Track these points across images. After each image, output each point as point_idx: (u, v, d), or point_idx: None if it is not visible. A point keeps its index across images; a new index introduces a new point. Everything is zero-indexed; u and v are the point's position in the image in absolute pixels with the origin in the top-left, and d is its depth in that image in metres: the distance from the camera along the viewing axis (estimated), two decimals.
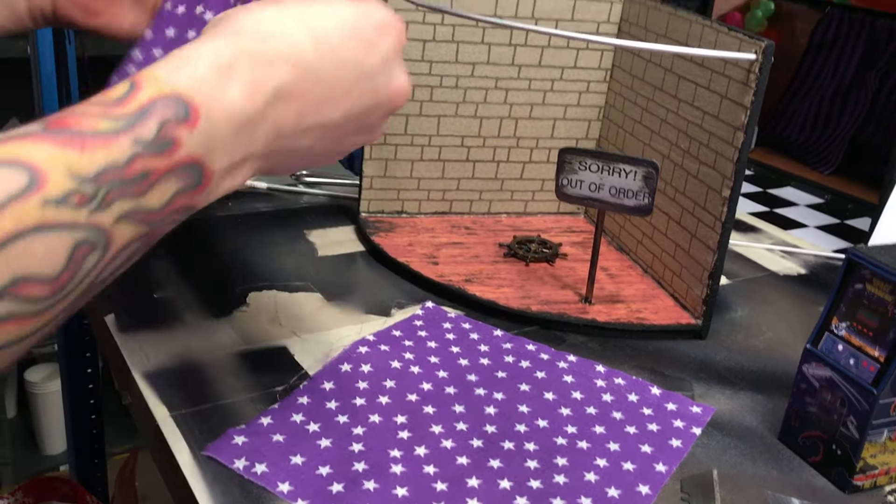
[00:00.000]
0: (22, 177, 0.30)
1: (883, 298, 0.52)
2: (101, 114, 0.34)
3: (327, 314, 0.69)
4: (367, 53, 0.42)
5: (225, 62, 0.37)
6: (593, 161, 0.67)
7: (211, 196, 0.38)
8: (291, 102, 0.39)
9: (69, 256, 0.32)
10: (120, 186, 0.33)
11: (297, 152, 0.42)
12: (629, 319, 0.70)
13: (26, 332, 0.32)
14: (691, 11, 0.72)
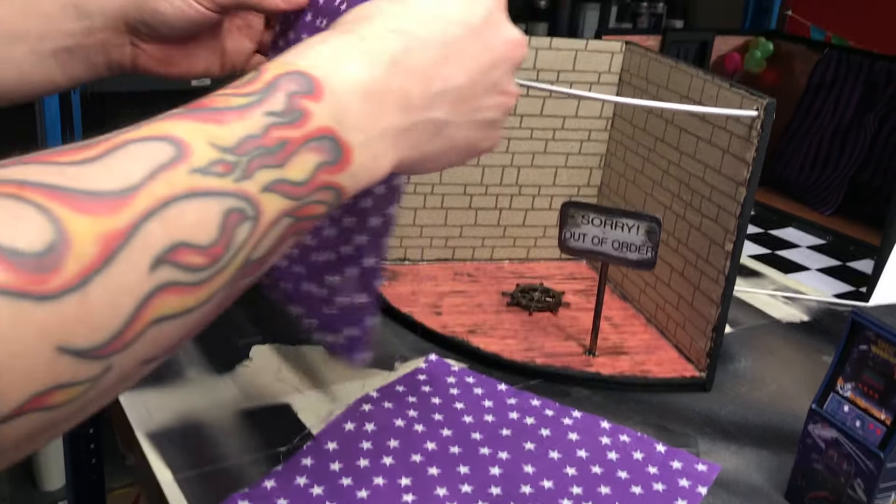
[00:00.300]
0: (168, 149, 0.32)
1: (888, 361, 0.52)
2: (233, 93, 0.36)
3: (330, 368, 0.68)
4: (468, 11, 0.43)
5: (339, 46, 0.40)
6: (596, 215, 0.68)
7: (358, 179, 0.39)
8: (410, 70, 0.41)
9: (221, 223, 0.32)
10: (260, 156, 0.34)
11: (436, 128, 0.43)
12: (633, 372, 0.70)
13: (186, 304, 0.32)
14: (692, 65, 0.72)
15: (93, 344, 0.29)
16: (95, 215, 0.29)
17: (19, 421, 0.28)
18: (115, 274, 0.29)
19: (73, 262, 0.28)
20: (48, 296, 0.27)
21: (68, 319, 0.28)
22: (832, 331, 0.84)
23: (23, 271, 0.27)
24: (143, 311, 0.30)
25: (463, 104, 0.44)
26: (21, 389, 0.27)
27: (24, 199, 0.28)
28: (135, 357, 0.31)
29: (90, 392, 0.30)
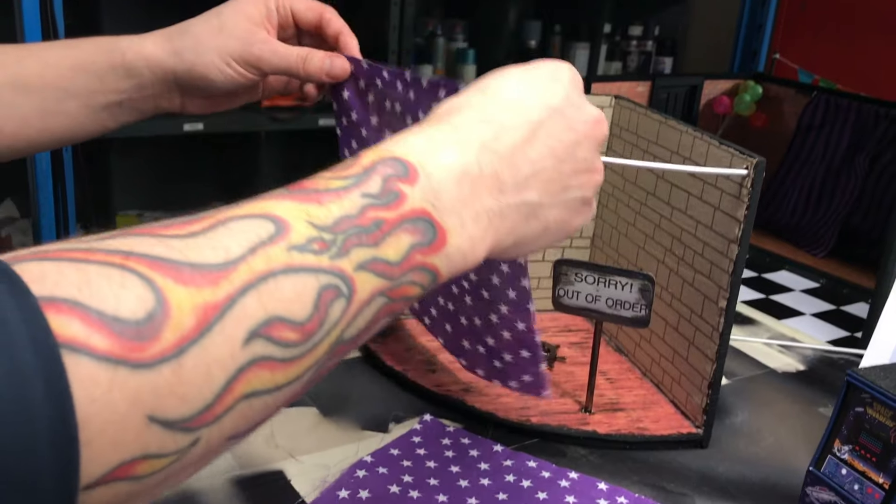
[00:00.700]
0: (269, 226, 0.33)
1: (885, 424, 0.52)
2: (332, 176, 0.37)
3: (324, 431, 0.68)
4: (548, 95, 0.45)
5: (432, 135, 0.41)
6: (589, 273, 0.68)
7: (453, 261, 0.40)
8: (499, 155, 0.42)
9: (316, 300, 0.33)
10: (356, 234, 0.35)
11: (530, 210, 0.44)
12: (630, 430, 0.69)
13: (277, 381, 0.32)
14: (681, 121, 0.73)
15: (183, 415, 0.29)
16: (195, 287, 0.30)
17: (103, 490, 0.28)
18: (209, 345, 0.30)
19: (171, 332, 0.29)
20: (144, 364, 0.28)
21: (161, 388, 0.28)
22: (828, 380, 0.84)
23: (122, 338, 0.27)
24: (234, 384, 0.30)
25: (552, 184, 0.45)
26: (109, 456, 0.27)
27: (128, 269, 0.29)
28: (222, 432, 0.31)
29: (175, 465, 0.30)
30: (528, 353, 0.65)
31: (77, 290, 0.28)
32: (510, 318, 0.64)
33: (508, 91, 0.45)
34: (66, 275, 0.28)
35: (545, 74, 0.46)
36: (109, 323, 0.27)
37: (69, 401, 0.26)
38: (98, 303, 0.28)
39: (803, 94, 1.29)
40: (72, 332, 0.27)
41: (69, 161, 1.45)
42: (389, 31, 2.33)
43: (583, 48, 2.91)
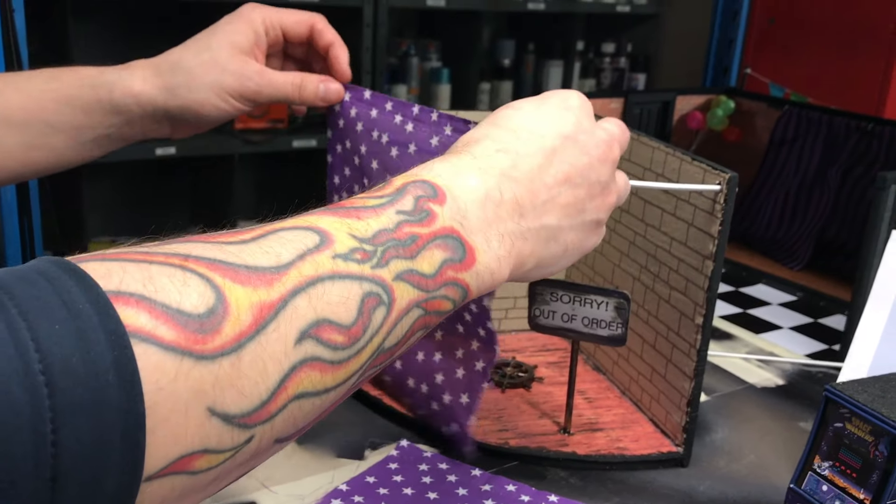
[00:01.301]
0: (314, 236, 0.36)
1: (864, 439, 0.52)
2: (368, 196, 0.41)
3: (298, 460, 0.66)
4: (559, 123, 0.47)
5: (455, 163, 0.44)
6: (565, 292, 0.67)
7: (482, 279, 0.42)
8: (518, 181, 0.45)
9: (360, 305, 0.35)
10: (393, 247, 0.38)
11: (550, 233, 0.46)
12: (609, 450, 0.69)
13: (325, 383, 0.34)
14: (653, 137, 0.72)
15: (241, 410, 0.31)
16: (251, 286, 0.32)
17: (162, 482, 0.29)
18: (265, 342, 0.31)
19: (231, 327, 0.30)
20: (206, 356, 0.29)
21: (221, 381, 0.30)
22: (807, 394, 0.83)
23: (187, 330, 0.29)
24: (287, 382, 0.32)
25: (569, 208, 0.47)
26: (170, 448, 0.29)
27: (189, 269, 0.31)
28: (273, 432, 0.33)
29: (228, 462, 0.31)
30: (466, 399, 0.65)
31: (142, 285, 0.29)
32: (475, 355, 0.65)
33: (522, 122, 0.47)
34: (130, 272, 0.29)
35: (556, 104, 0.49)
36: (174, 315, 0.29)
37: (139, 388, 0.27)
38: (163, 297, 0.29)
39: (775, 108, 1.30)
40: (140, 322, 0.28)
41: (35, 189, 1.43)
42: (362, 51, 2.33)
43: (556, 66, 2.93)
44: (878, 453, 0.50)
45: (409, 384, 0.70)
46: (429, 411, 0.69)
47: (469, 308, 0.64)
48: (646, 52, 3.08)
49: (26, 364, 0.26)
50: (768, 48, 2.32)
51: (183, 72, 0.65)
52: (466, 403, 0.65)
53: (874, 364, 0.65)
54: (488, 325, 0.63)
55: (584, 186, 0.48)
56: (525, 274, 0.47)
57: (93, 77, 0.66)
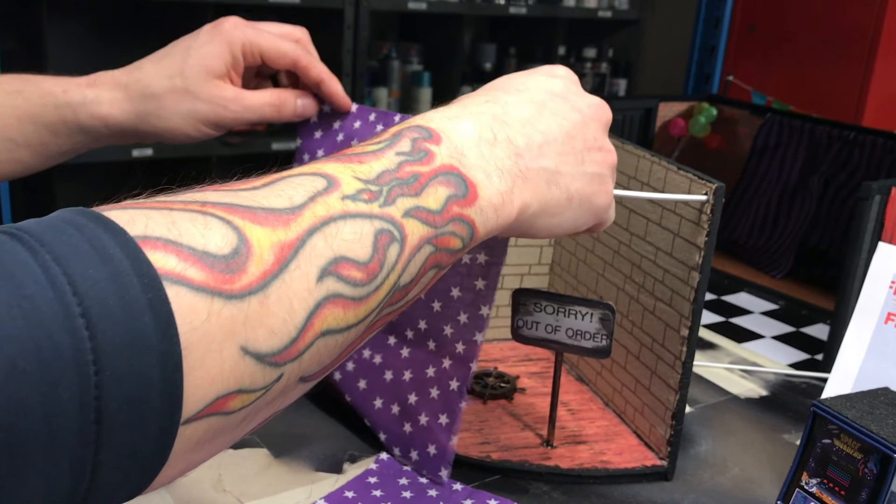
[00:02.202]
0: (321, 181, 0.36)
1: (852, 456, 0.51)
2: (366, 143, 0.41)
3: (274, 474, 0.65)
4: (548, 84, 0.49)
5: (447, 111, 0.45)
6: (548, 303, 0.66)
7: (486, 215, 0.42)
8: (510, 124, 0.45)
9: (374, 242, 0.36)
10: (398, 185, 0.38)
11: (549, 175, 0.46)
12: (593, 464, 0.67)
13: (348, 320, 0.35)
14: (638, 146, 0.71)
15: (272, 348, 0.31)
16: (270, 227, 0.32)
17: (199, 424, 0.29)
18: (289, 280, 0.32)
19: (255, 266, 0.31)
20: (235, 294, 0.30)
21: (251, 319, 0.30)
22: (791, 405, 0.83)
23: (215, 271, 0.29)
24: (314, 319, 0.33)
25: (567, 156, 0.47)
26: (207, 389, 0.29)
27: (209, 213, 0.31)
28: (300, 369, 0.33)
29: (259, 401, 0.32)
30: (445, 419, 0.64)
31: (167, 229, 0.29)
32: (448, 374, 0.63)
33: (510, 82, 0.49)
34: (153, 218, 0.30)
35: (543, 72, 0.50)
36: (202, 257, 0.29)
37: (174, 328, 0.27)
38: (188, 240, 0.29)
39: (757, 115, 1.30)
40: (170, 265, 0.28)
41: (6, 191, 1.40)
42: (343, 54, 2.31)
43: None
44: (868, 471, 0.49)
45: (377, 404, 0.68)
46: (398, 433, 0.66)
47: (456, 320, 0.62)
48: (627, 58, 3.08)
49: (66, 307, 0.26)
50: (749, 55, 2.33)
51: (153, 99, 0.63)
52: (446, 424, 0.63)
53: (859, 377, 0.65)
54: (475, 338, 0.62)
55: (580, 139, 0.48)
56: (532, 219, 0.46)
57: (56, 96, 0.63)
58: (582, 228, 0.51)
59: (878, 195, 0.82)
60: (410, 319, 0.65)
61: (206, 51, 0.63)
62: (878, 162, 1.13)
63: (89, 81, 0.64)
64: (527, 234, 0.48)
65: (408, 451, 0.66)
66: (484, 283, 0.62)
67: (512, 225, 0.45)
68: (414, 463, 0.65)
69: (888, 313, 0.64)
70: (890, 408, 0.51)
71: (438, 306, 0.63)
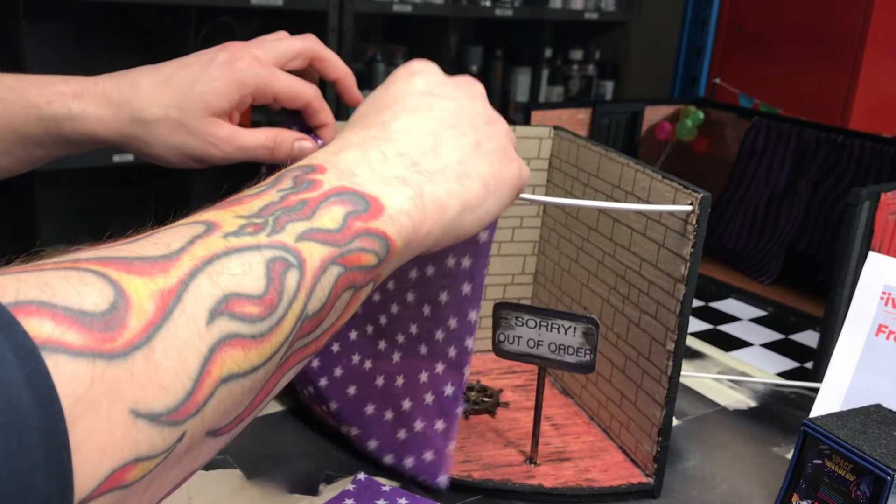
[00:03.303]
0: (200, 226, 0.34)
1: (845, 478, 0.49)
2: (247, 190, 0.39)
3: (247, 496, 0.62)
4: (407, 85, 0.49)
5: (327, 149, 0.44)
6: (531, 317, 0.63)
7: (401, 224, 0.40)
8: (395, 140, 0.44)
9: (266, 272, 0.33)
10: (285, 213, 0.36)
11: (459, 170, 0.45)
12: (577, 482, 0.65)
13: (251, 361, 0.32)
14: (622, 153, 0.69)
15: (167, 406, 0.29)
16: (148, 276, 0.30)
17: (98, 502, 0.27)
18: (174, 328, 0.30)
19: (136, 319, 0.29)
20: (118, 353, 0.28)
21: (138, 377, 0.28)
22: (780, 417, 0.81)
23: (93, 331, 0.27)
24: (209, 366, 0.30)
25: (463, 146, 0.46)
26: (99, 464, 0.27)
27: (82, 269, 0.29)
28: (204, 424, 0.31)
29: (163, 466, 0.29)
30: (442, 425, 0.62)
31: (40, 290, 0.27)
32: (442, 379, 0.61)
33: (373, 101, 0.48)
34: (24, 280, 0.27)
35: (401, 75, 0.50)
36: (78, 317, 0.27)
37: (57, 403, 0.25)
38: (63, 299, 0.27)
39: (744, 118, 1.28)
40: (46, 331, 0.26)
41: None
42: None
43: (524, 72, 2.90)
44: (860, 493, 0.47)
45: (368, 411, 0.66)
46: (391, 440, 0.65)
47: (446, 325, 0.61)
48: (614, 60, 3.07)
49: None
50: (736, 57, 2.32)
51: (143, 126, 0.60)
52: (443, 429, 0.62)
53: (850, 391, 0.63)
54: (466, 343, 0.60)
55: (466, 124, 0.47)
56: (458, 219, 0.45)
57: (40, 108, 0.60)
58: (509, 203, 0.49)
59: (868, 201, 0.80)
60: (401, 324, 0.64)
61: (212, 87, 0.59)
62: (866, 165, 1.11)
63: (75, 93, 0.60)
64: (461, 234, 0.46)
65: (402, 458, 0.64)
66: (469, 287, 0.60)
67: (439, 230, 0.43)
68: (409, 470, 0.63)
69: (879, 325, 0.62)
70: (883, 427, 0.50)
71: (429, 311, 0.62)
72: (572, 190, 0.77)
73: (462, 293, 0.60)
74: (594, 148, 0.73)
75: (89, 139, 0.61)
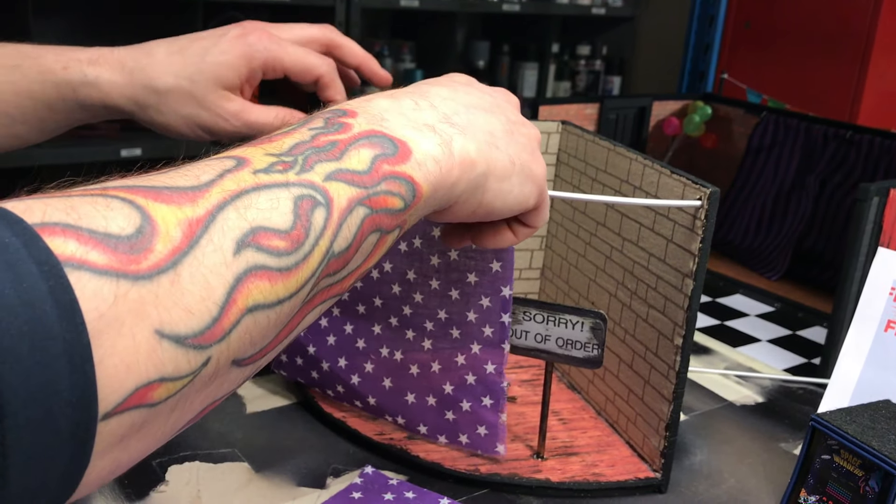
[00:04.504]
0: (231, 161, 0.35)
1: (853, 473, 0.49)
2: (279, 130, 0.40)
3: (255, 489, 0.62)
4: (451, 78, 0.50)
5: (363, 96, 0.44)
6: (538, 312, 0.63)
7: (427, 169, 0.40)
8: (431, 98, 0.45)
9: (294, 208, 0.34)
10: (314, 153, 0.37)
11: (490, 138, 0.45)
12: (585, 476, 0.65)
13: (277, 293, 0.33)
14: (630, 148, 0.69)
15: (192, 329, 0.29)
16: (176, 205, 0.31)
17: (121, 418, 0.27)
18: (201, 256, 0.30)
19: (162, 244, 0.29)
20: (143, 275, 0.28)
21: (163, 300, 0.28)
22: (788, 412, 0.81)
23: (118, 252, 0.28)
24: (235, 295, 0.31)
25: (496, 124, 0.46)
26: (123, 379, 0.27)
27: (109, 196, 0.30)
28: (230, 351, 0.31)
29: (187, 388, 0.30)
30: (490, 401, 0.64)
31: (66, 214, 0.28)
32: (481, 358, 0.63)
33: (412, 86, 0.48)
34: (51, 205, 0.28)
35: (441, 77, 0.50)
36: (103, 239, 0.28)
37: (79, 316, 0.26)
38: (88, 223, 0.28)
39: (752, 114, 1.28)
40: (70, 250, 0.27)
41: None
42: None
43: (531, 68, 2.90)
44: (869, 489, 0.47)
45: (409, 400, 0.67)
46: (440, 422, 0.66)
47: (479, 305, 0.62)
48: (621, 55, 3.06)
49: None
50: (744, 52, 2.31)
51: (155, 94, 0.62)
52: (492, 405, 0.64)
53: (858, 387, 0.63)
54: (502, 320, 0.61)
55: (502, 115, 0.48)
56: (483, 180, 0.44)
57: (55, 73, 0.62)
58: (531, 203, 0.49)
59: (877, 197, 0.80)
60: (428, 310, 0.64)
61: (223, 60, 0.62)
62: (875, 161, 1.11)
63: (91, 58, 0.62)
64: (482, 202, 0.46)
65: (455, 436, 0.66)
66: (500, 265, 0.61)
67: (465, 185, 0.43)
68: (465, 446, 0.66)
69: (888, 321, 0.62)
70: (892, 422, 0.50)
71: (457, 294, 0.63)
72: (580, 185, 0.77)
73: (492, 270, 0.61)
74: (602, 143, 0.73)
75: (102, 105, 0.62)
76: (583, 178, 0.76)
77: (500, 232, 0.52)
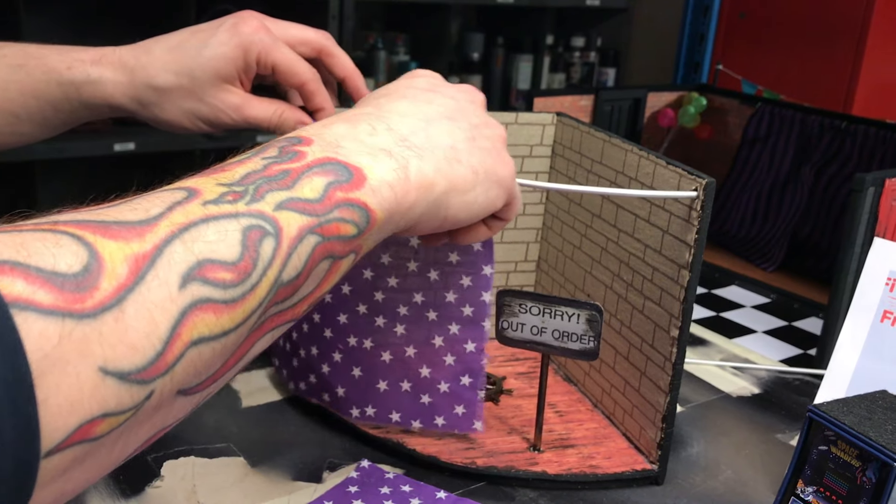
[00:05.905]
0: (181, 192, 0.35)
1: (850, 463, 0.49)
2: (231, 158, 0.40)
3: (251, 484, 0.62)
4: (412, 82, 0.50)
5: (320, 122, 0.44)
6: (534, 304, 0.63)
7: (382, 195, 0.40)
8: (389, 118, 0.45)
9: (242, 239, 0.34)
10: (266, 182, 0.37)
11: (450, 154, 0.45)
12: (581, 469, 0.65)
13: (223, 325, 0.33)
14: (625, 139, 0.69)
15: (135, 365, 0.29)
16: (123, 240, 0.31)
17: (64, 455, 0.28)
18: (146, 291, 0.30)
19: (108, 281, 0.29)
20: (87, 313, 0.28)
21: (108, 338, 0.29)
22: (784, 404, 0.81)
23: (64, 291, 0.28)
24: (180, 329, 0.31)
25: (457, 133, 0.47)
26: (67, 417, 0.27)
27: (59, 231, 0.30)
28: (174, 383, 0.31)
29: (131, 421, 0.30)
30: (469, 379, 0.64)
31: (15, 251, 0.28)
32: (460, 338, 0.63)
33: (375, 93, 0.49)
34: (2, 241, 0.28)
35: (405, 76, 0.51)
36: (50, 278, 0.28)
37: (23, 357, 0.26)
38: (37, 261, 0.28)
39: (747, 105, 1.27)
40: (17, 290, 0.27)
41: None
42: None
43: (526, 60, 2.89)
44: (866, 479, 0.47)
45: (381, 387, 0.66)
46: (415, 407, 0.66)
47: (458, 285, 0.62)
48: (616, 47, 3.05)
49: None
50: (738, 43, 2.31)
51: (157, 92, 0.63)
52: (470, 383, 0.64)
53: (855, 377, 0.63)
54: (482, 298, 0.62)
55: (464, 120, 0.48)
56: (444, 198, 0.45)
57: (60, 73, 0.63)
58: (498, 204, 0.49)
59: (872, 187, 0.80)
60: (404, 295, 0.64)
61: (220, 52, 0.62)
62: (870, 152, 1.11)
63: (94, 59, 0.63)
64: (446, 217, 0.46)
65: (431, 419, 0.66)
66: (481, 244, 0.61)
67: (423, 206, 0.43)
68: (441, 427, 0.66)
69: (884, 311, 0.62)
70: (889, 412, 0.49)
71: (436, 275, 0.63)
72: (575, 176, 0.77)
73: (473, 249, 0.62)
74: (598, 134, 0.72)
75: (105, 104, 0.63)
76: (578, 170, 0.76)
77: (475, 228, 0.52)
